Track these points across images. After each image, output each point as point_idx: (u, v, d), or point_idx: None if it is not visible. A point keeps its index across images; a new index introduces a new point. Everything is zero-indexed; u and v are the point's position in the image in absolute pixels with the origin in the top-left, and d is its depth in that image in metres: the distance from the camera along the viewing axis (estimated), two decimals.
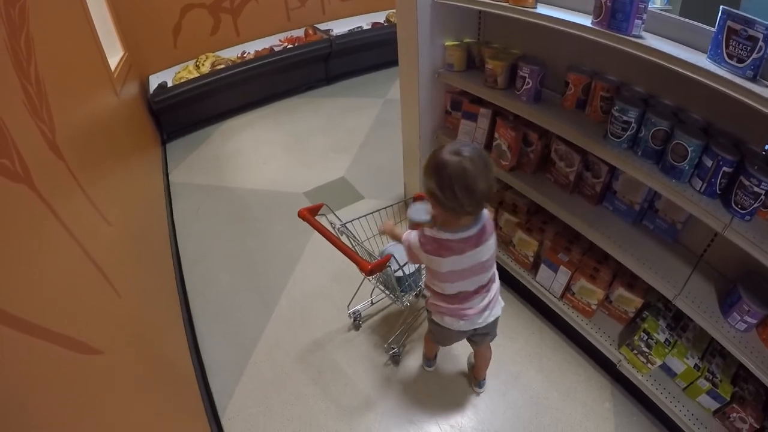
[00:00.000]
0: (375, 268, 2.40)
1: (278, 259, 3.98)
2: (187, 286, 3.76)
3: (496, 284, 2.37)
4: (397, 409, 2.86)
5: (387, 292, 3.03)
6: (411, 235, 2.16)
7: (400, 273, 2.74)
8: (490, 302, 2.32)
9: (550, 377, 2.99)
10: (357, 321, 3.36)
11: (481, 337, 2.54)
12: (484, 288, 2.28)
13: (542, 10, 2.43)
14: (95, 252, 1.99)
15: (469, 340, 2.63)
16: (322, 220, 2.66)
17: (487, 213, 2.12)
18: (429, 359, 3.03)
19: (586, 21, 2.19)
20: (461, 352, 3.13)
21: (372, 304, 3.46)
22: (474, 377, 2.95)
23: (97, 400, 1.56)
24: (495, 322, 2.44)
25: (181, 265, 3.97)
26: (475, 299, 2.27)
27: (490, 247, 2.15)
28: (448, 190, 1.84)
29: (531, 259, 3.24)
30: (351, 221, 2.87)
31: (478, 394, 2.93)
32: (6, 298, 1.18)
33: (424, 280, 3.05)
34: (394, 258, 2.56)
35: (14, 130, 1.54)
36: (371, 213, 2.99)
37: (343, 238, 2.63)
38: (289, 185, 4.91)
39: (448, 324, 2.35)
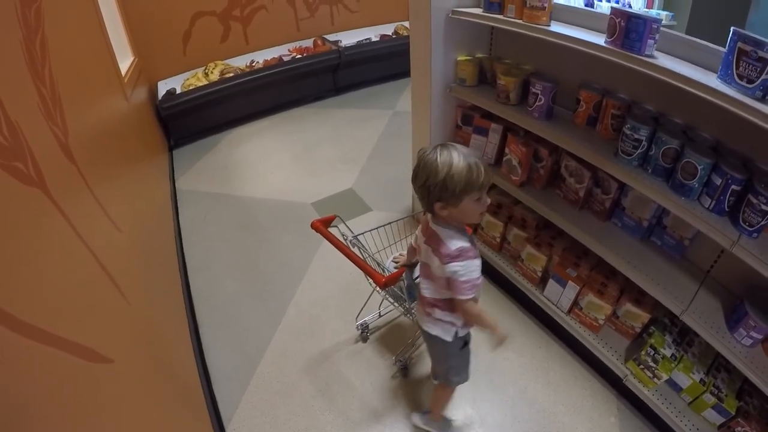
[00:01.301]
0: (389, 281, 2.41)
1: (286, 269, 3.99)
2: (192, 294, 3.77)
3: None
4: (404, 423, 2.85)
5: (396, 304, 3.04)
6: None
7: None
8: None
9: (556, 391, 2.99)
10: (365, 333, 3.36)
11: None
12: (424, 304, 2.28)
13: (556, 28, 2.46)
14: (105, 258, 1.99)
15: None
16: (333, 231, 2.67)
17: (453, 242, 1.97)
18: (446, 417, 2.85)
19: (599, 39, 2.22)
20: (471, 368, 3.13)
21: (380, 316, 3.46)
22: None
23: (106, 408, 1.57)
24: (426, 338, 2.39)
25: (187, 273, 3.97)
26: None
27: (433, 260, 2.06)
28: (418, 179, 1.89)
29: (539, 274, 3.25)
30: (362, 233, 2.88)
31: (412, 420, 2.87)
32: (18, 303, 1.18)
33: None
34: (408, 271, 2.57)
35: (28, 133, 1.54)
36: (382, 226, 2.99)
37: (354, 250, 2.65)
38: (297, 195, 4.93)
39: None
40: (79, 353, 1.45)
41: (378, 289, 2.73)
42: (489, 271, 3.73)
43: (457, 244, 1.92)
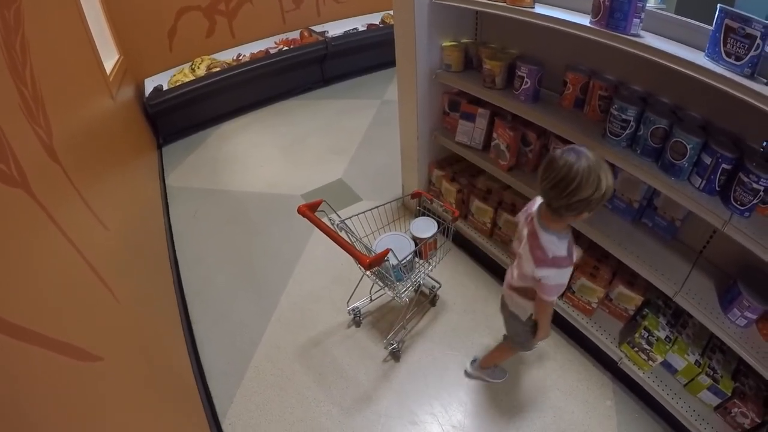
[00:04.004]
0: (373, 262, 2.41)
1: (277, 262, 3.97)
2: (185, 290, 3.75)
3: None
4: (399, 409, 2.85)
5: (382, 284, 3.04)
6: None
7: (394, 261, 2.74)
8: None
9: (551, 376, 3.00)
10: (357, 318, 3.36)
11: None
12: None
13: (540, 9, 2.44)
14: (93, 257, 1.98)
15: None
16: (322, 219, 2.65)
17: (552, 241, 2.02)
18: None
19: (585, 20, 2.20)
20: (462, 351, 3.14)
21: (371, 301, 3.47)
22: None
23: (97, 406, 1.56)
24: (503, 306, 2.55)
25: (178, 269, 3.95)
26: None
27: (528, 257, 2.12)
28: (549, 182, 1.84)
29: None
30: (350, 218, 2.88)
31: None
32: (3, 304, 1.17)
33: (422, 274, 3.09)
34: (392, 252, 2.56)
35: (10, 134, 1.53)
36: (369, 210, 3.00)
37: (342, 235, 2.63)
38: (287, 187, 4.91)
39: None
40: (68, 353, 1.44)
41: (364, 270, 2.75)
42: (481, 256, 3.74)
43: (554, 251, 1.97)
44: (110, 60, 4.76)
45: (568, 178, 1.75)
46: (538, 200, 2.11)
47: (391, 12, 3.33)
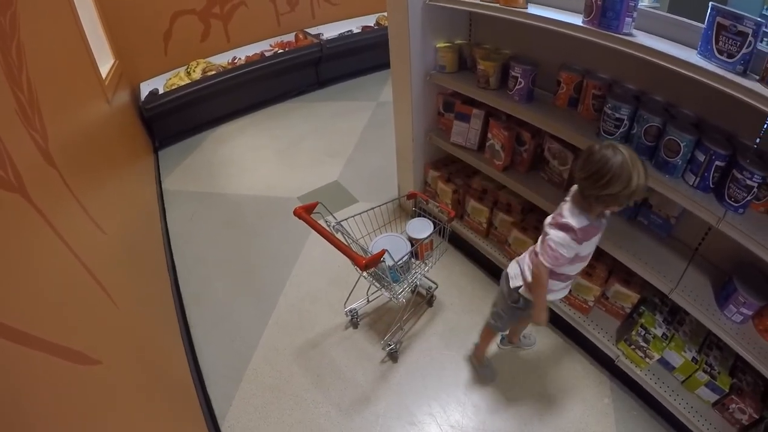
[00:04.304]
0: (369, 262, 2.41)
1: (274, 264, 3.97)
2: (182, 294, 3.75)
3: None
4: (397, 410, 2.86)
5: (378, 285, 3.05)
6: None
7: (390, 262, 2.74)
8: None
9: (549, 375, 3.00)
10: (354, 319, 3.37)
11: None
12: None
13: (533, 10, 2.45)
14: (90, 261, 1.98)
15: None
16: (318, 221, 2.66)
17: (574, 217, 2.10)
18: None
19: (577, 20, 2.21)
20: (459, 351, 3.15)
21: (368, 302, 3.48)
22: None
23: (96, 410, 1.56)
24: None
25: (176, 273, 3.95)
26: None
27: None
28: (591, 175, 1.93)
29: None
30: (346, 219, 2.89)
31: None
32: (2, 308, 1.17)
33: (418, 274, 3.09)
34: (388, 253, 2.57)
35: (7, 139, 1.53)
36: (365, 211, 3.01)
37: (338, 236, 2.64)
38: (283, 190, 4.91)
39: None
40: (67, 356, 1.44)
41: (360, 271, 2.76)
42: (477, 256, 3.74)
43: (568, 219, 2.07)
44: (106, 64, 4.75)
45: (602, 171, 1.87)
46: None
47: (386, 14, 3.33)
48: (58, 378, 1.36)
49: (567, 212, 2.08)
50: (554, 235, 2.08)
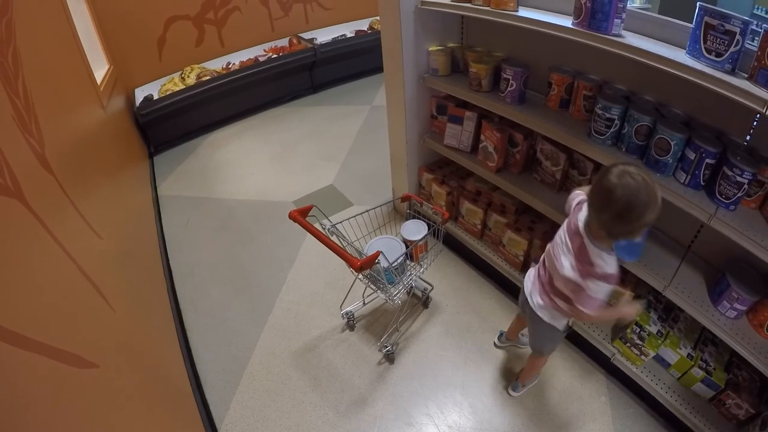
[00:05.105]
0: (364, 264, 2.42)
1: (270, 268, 3.98)
2: (179, 298, 3.75)
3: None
4: (394, 411, 2.87)
5: (374, 287, 3.06)
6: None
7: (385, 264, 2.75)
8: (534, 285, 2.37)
9: (546, 374, 3.01)
10: (350, 321, 3.38)
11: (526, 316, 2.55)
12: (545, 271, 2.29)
13: (523, 12, 2.48)
14: (87, 265, 1.99)
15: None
16: (315, 226, 2.67)
17: (609, 263, 1.94)
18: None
19: (567, 22, 2.24)
20: (456, 352, 3.16)
21: (364, 304, 3.49)
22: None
23: (93, 413, 1.57)
24: (534, 318, 2.39)
25: (172, 278, 3.95)
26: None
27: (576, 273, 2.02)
28: (615, 213, 1.74)
29: (521, 259, 3.26)
30: (341, 222, 2.91)
31: (511, 395, 2.94)
32: (0, 311, 1.18)
33: (414, 276, 3.11)
34: (383, 255, 2.58)
35: (4, 144, 1.54)
36: (360, 214, 3.03)
37: (333, 239, 2.65)
38: (278, 194, 4.92)
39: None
40: (64, 359, 1.45)
41: (356, 273, 2.76)
42: (471, 258, 3.76)
43: (604, 268, 1.91)
44: (100, 70, 4.77)
45: (632, 206, 1.69)
46: (578, 197, 2.11)
47: (378, 18, 3.35)
48: (55, 381, 1.37)
49: (600, 260, 1.91)
50: (598, 289, 1.94)
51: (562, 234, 2.13)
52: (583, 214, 1.99)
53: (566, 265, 2.03)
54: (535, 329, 2.52)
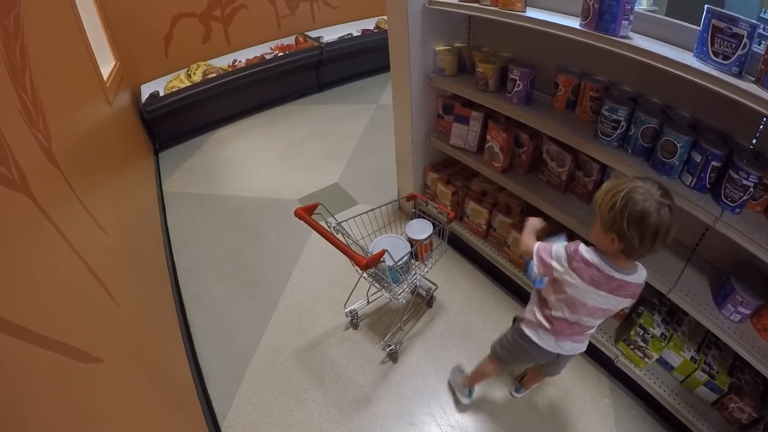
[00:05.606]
0: (370, 262, 2.42)
1: (274, 266, 3.99)
2: (183, 295, 3.76)
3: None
4: (397, 410, 2.87)
5: (379, 286, 3.07)
6: (555, 245, 1.96)
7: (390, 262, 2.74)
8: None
9: None
10: (354, 320, 3.38)
11: (555, 366, 2.42)
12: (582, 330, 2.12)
13: (531, 13, 2.47)
14: (92, 260, 1.99)
15: (539, 366, 2.53)
16: (321, 223, 2.67)
17: (642, 275, 1.91)
18: (471, 388, 2.87)
19: (575, 23, 2.23)
20: (459, 352, 3.16)
21: (368, 303, 3.50)
22: (522, 384, 2.90)
23: (97, 407, 1.57)
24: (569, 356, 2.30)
25: (176, 274, 3.96)
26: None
27: (616, 302, 1.94)
28: (649, 239, 1.68)
29: (526, 259, 3.25)
30: (346, 220, 2.91)
31: (514, 396, 2.93)
32: (6, 306, 1.19)
33: (418, 275, 3.10)
34: (388, 253, 2.58)
35: (11, 139, 1.55)
36: (365, 213, 3.03)
37: (339, 237, 2.66)
38: (283, 192, 4.93)
39: (542, 341, 2.16)
40: (68, 354, 1.45)
41: (360, 271, 2.77)
42: (476, 258, 3.76)
43: (638, 279, 1.88)
44: (107, 66, 4.77)
45: (664, 227, 1.65)
46: (569, 248, 1.95)
47: (385, 17, 3.35)
48: (59, 375, 1.37)
49: (633, 280, 1.87)
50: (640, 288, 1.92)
51: (585, 310, 1.99)
52: (592, 256, 1.88)
53: (610, 313, 2.01)
54: (567, 359, 2.36)
